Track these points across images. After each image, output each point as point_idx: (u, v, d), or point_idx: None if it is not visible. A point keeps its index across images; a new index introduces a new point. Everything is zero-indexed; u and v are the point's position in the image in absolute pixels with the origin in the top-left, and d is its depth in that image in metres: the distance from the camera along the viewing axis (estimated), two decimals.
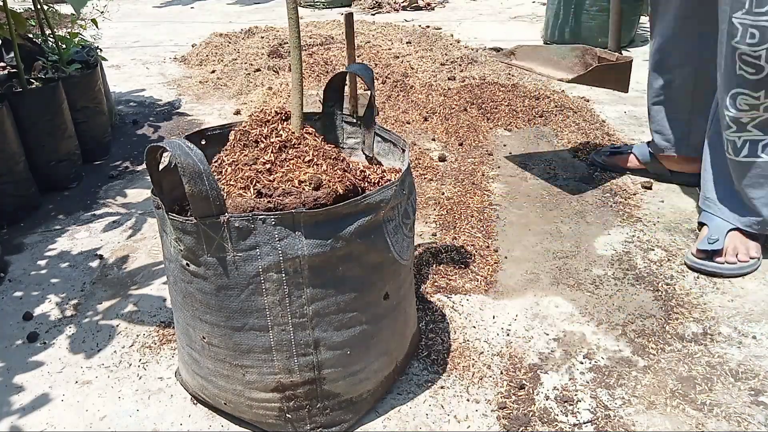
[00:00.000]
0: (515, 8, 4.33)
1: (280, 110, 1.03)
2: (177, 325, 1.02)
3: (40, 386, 1.11)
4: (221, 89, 2.70)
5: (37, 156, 1.75)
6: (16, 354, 1.19)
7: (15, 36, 1.72)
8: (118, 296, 1.35)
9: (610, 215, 1.61)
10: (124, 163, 2.03)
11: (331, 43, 3.21)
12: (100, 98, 2.04)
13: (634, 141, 2.05)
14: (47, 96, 1.76)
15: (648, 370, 1.11)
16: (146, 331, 1.24)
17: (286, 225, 0.83)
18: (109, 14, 4.04)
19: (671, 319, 1.23)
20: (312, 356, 0.91)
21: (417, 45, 3.17)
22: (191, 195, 0.80)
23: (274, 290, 0.86)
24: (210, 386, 0.99)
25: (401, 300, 1.01)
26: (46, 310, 1.31)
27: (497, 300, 1.30)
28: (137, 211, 1.71)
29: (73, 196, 1.81)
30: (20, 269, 1.46)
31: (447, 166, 1.89)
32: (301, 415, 0.96)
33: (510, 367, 1.12)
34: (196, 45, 3.43)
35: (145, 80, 2.88)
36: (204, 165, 0.80)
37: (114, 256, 1.50)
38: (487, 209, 1.64)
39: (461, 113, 2.25)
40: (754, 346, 1.16)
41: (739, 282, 1.34)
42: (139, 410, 1.05)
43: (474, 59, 2.94)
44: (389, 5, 4.39)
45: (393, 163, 1.12)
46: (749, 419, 1.00)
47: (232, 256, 0.84)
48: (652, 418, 1.01)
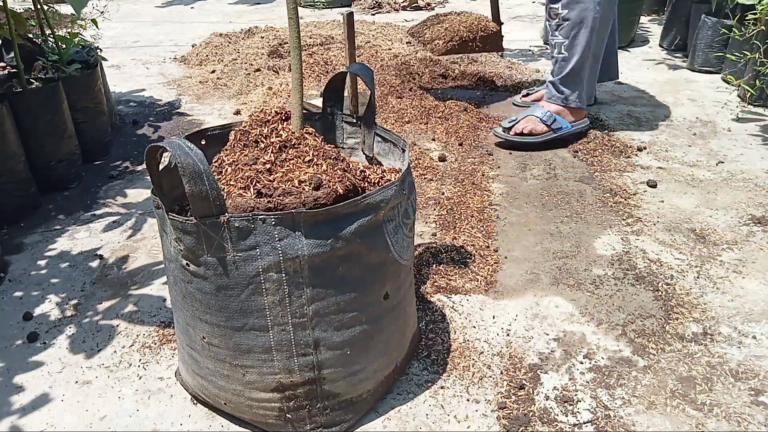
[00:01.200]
0: (515, 8, 4.33)
1: (280, 110, 1.03)
2: (177, 325, 1.02)
3: (40, 386, 1.11)
4: (221, 89, 2.69)
5: (37, 156, 1.75)
6: (16, 354, 1.19)
7: (15, 36, 1.72)
8: (118, 296, 1.35)
9: (610, 215, 1.61)
10: (124, 163, 2.03)
11: (331, 43, 3.21)
12: (100, 98, 2.04)
13: (634, 141, 2.06)
14: (47, 96, 1.76)
15: (648, 370, 1.11)
16: (146, 331, 1.24)
17: (286, 225, 0.83)
18: (109, 14, 4.04)
19: (671, 319, 1.23)
20: (312, 356, 0.91)
21: (417, 45, 3.17)
22: (191, 195, 0.80)
23: (274, 290, 0.86)
24: (210, 386, 0.99)
25: (401, 300, 1.01)
26: (46, 310, 1.31)
27: (497, 300, 1.30)
28: (137, 211, 1.71)
29: (73, 196, 1.81)
30: (20, 269, 1.46)
31: (447, 166, 1.89)
32: (301, 415, 0.96)
33: (510, 367, 1.12)
34: (196, 45, 3.43)
35: (145, 80, 2.87)
36: (204, 165, 0.80)
37: (114, 256, 1.50)
38: (487, 209, 1.64)
39: (461, 113, 2.25)
40: (754, 346, 1.16)
41: (739, 282, 1.34)
42: (139, 410, 1.05)
43: (473, 59, 2.94)
44: (389, 5, 4.39)
45: (393, 163, 1.12)
46: (749, 419, 1.00)
47: (232, 256, 0.84)
48: (652, 418, 1.01)
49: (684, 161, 1.91)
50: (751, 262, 1.41)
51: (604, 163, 1.90)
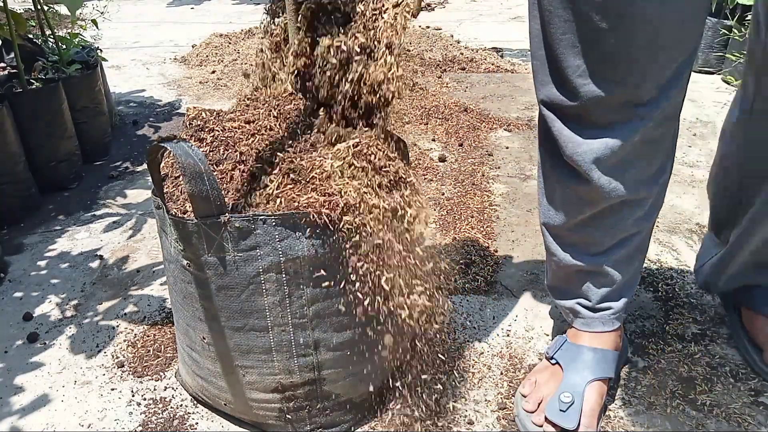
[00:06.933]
0: (515, 8, 4.33)
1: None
2: (177, 325, 1.02)
3: (40, 387, 1.11)
4: (221, 90, 2.69)
5: (37, 156, 1.75)
6: (16, 354, 1.19)
7: (15, 36, 1.72)
8: (118, 297, 1.35)
9: None
10: (124, 163, 2.03)
11: None
12: (100, 99, 2.04)
13: None
14: (47, 96, 1.76)
15: (648, 370, 1.11)
16: (146, 332, 1.24)
17: (287, 226, 0.83)
18: (109, 15, 4.04)
19: (671, 319, 1.23)
20: (312, 357, 0.91)
21: (417, 45, 3.17)
22: (192, 195, 0.80)
23: (275, 291, 0.86)
24: (210, 387, 0.99)
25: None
26: (46, 310, 1.31)
27: (497, 300, 1.30)
28: (137, 212, 1.71)
29: (73, 197, 1.81)
30: (20, 270, 1.46)
31: (447, 167, 1.89)
32: (301, 416, 0.96)
33: (510, 367, 1.12)
34: (196, 45, 3.43)
35: (145, 81, 2.87)
36: (204, 165, 0.80)
37: (114, 257, 1.50)
38: (487, 209, 1.64)
39: (461, 114, 2.25)
40: None
41: None
42: (139, 411, 1.05)
43: (473, 59, 2.94)
44: None
45: None
46: (749, 419, 1.00)
47: (233, 257, 0.84)
48: (652, 419, 1.01)
49: (684, 161, 1.91)
50: None
51: None
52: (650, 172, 0.92)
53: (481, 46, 3.24)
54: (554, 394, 0.96)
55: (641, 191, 0.92)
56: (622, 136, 0.85)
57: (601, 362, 1.00)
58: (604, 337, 1.03)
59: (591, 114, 0.85)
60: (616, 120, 0.85)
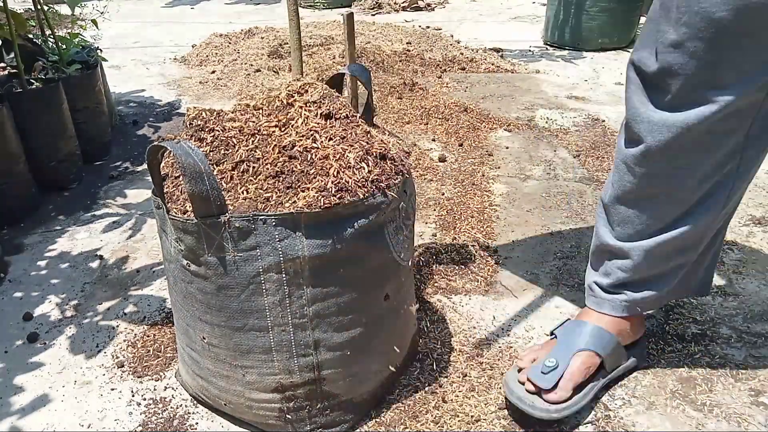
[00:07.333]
0: (515, 8, 4.33)
1: None
2: (177, 325, 1.02)
3: (40, 387, 1.11)
4: (221, 90, 2.69)
5: (38, 156, 1.75)
6: (16, 354, 1.19)
7: (15, 36, 1.72)
8: (118, 297, 1.35)
9: None
10: (124, 163, 2.03)
11: (331, 44, 3.21)
12: (100, 99, 2.04)
13: None
14: (47, 96, 1.76)
15: (648, 370, 1.11)
16: (146, 332, 1.24)
17: (287, 225, 0.83)
18: (109, 15, 4.04)
19: (671, 319, 1.23)
20: (312, 357, 0.91)
21: (417, 46, 3.17)
22: (192, 195, 0.80)
23: (275, 291, 0.86)
24: (210, 387, 0.99)
25: (401, 301, 1.01)
26: (46, 310, 1.31)
27: (497, 300, 1.30)
28: (137, 212, 1.71)
29: (73, 197, 1.81)
30: (20, 270, 1.46)
31: (447, 167, 1.89)
32: (301, 416, 0.96)
33: (510, 367, 1.12)
34: (196, 45, 3.43)
35: (145, 81, 2.87)
36: (205, 165, 0.80)
37: (114, 257, 1.50)
38: (487, 209, 1.64)
39: (461, 113, 2.25)
40: (754, 346, 1.16)
41: (739, 282, 1.34)
42: (139, 411, 1.05)
43: (473, 59, 2.94)
44: (389, 6, 4.39)
45: None
46: (749, 419, 1.00)
47: (233, 257, 0.84)
48: (652, 419, 1.01)
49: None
50: (751, 262, 1.41)
51: (604, 164, 1.90)
52: (706, 168, 0.91)
53: (481, 46, 3.24)
54: (543, 359, 1.01)
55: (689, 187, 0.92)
56: (686, 117, 0.86)
57: (595, 337, 1.02)
58: (609, 320, 1.04)
59: (666, 86, 0.87)
60: (684, 101, 0.86)
